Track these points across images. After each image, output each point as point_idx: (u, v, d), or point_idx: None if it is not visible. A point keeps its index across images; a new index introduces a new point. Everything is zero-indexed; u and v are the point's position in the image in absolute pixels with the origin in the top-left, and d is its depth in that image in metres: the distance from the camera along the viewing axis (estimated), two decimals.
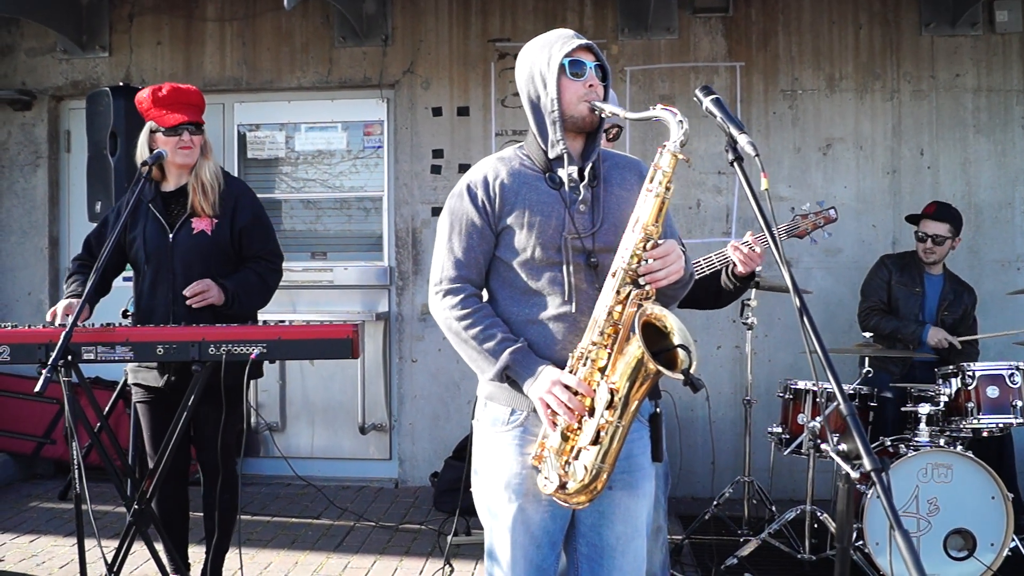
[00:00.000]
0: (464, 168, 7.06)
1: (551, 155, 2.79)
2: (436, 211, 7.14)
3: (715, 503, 5.66)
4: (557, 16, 7.01)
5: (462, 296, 2.76)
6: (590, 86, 2.75)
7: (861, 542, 4.78)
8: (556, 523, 2.78)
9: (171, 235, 4.37)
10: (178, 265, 4.36)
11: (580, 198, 2.76)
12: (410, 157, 7.24)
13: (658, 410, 2.73)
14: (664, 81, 7.00)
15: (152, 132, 4.39)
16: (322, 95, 7.51)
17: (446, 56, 7.21)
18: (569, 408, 2.55)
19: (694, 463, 6.68)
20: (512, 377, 2.68)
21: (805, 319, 2.20)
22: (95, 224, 6.83)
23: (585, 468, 2.54)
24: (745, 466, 5.66)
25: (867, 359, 5.22)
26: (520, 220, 2.73)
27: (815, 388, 5.29)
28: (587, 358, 2.59)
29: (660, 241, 2.58)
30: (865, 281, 6.16)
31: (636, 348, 2.48)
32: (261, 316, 4.73)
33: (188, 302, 4.23)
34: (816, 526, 5.17)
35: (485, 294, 2.89)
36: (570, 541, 2.86)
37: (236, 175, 6.99)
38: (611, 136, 4.09)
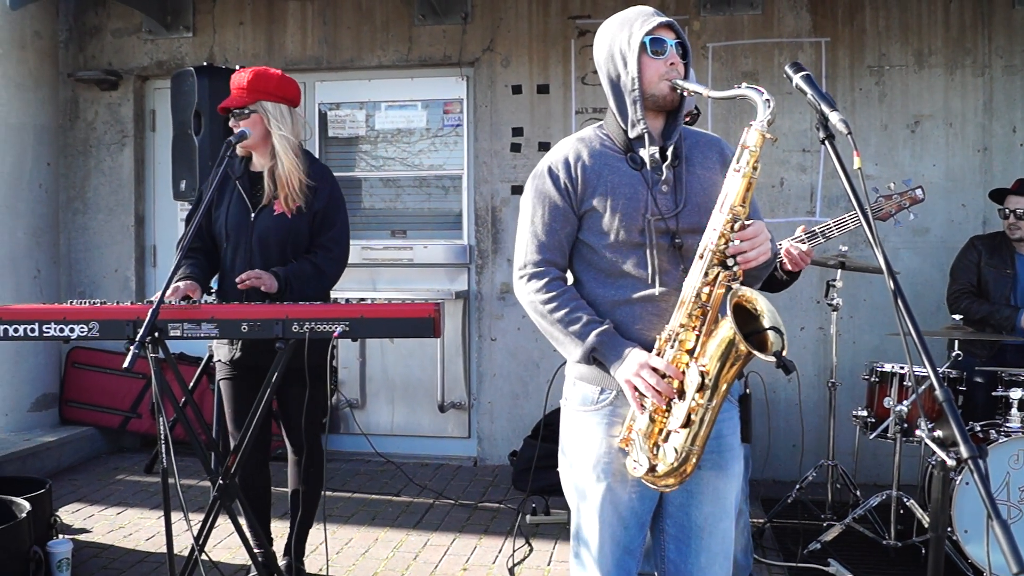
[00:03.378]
0: (544, 146, 7.04)
1: (632, 135, 2.75)
2: (516, 189, 7.12)
3: (798, 487, 5.58)
4: None
5: (547, 279, 2.75)
6: (671, 64, 2.70)
7: (949, 529, 4.68)
8: (644, 504, 2.76)
9: (252, 215, 4.42)
10: (256, 244, 4.40)
11: (662, 179, 2.72)
12: (490, 135, 7.22)
13: (748, 391, 2.71)
14: (747, 58, 6.90)
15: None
16: (402, 73, 7.51)
17: (526, 33, 7.17)
18: (657, 391, 2.52)
19: (777, 446, 6.60)
20: (599, 359, 2.66)
21: (899, 301, 2.14)
22: (179, 202, 6.98)
23: (675, 450, 2.53)
24: (829, 449, 5.57)
25: (956, 342, 5.11)
26: (603, 203, 2.70)
27: (902, 371, 5.20)
28: (675, 340, 2.57)
29: (748, 222, 2.54)
30: (954, 263, 6.02)
31: (727, 329, 2.45)
32: (343, 294, 4.75)
33: (239, 286, 4.27)
34: (902, 512, 5.07)
35: (570, 276, 2.86)
36: (656, 521, 2.84)
37: (317, 154, 7.06)
38: (687, 120, 4.02)
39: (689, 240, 2.67)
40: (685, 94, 2.71)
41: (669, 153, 2.74)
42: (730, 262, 2.52)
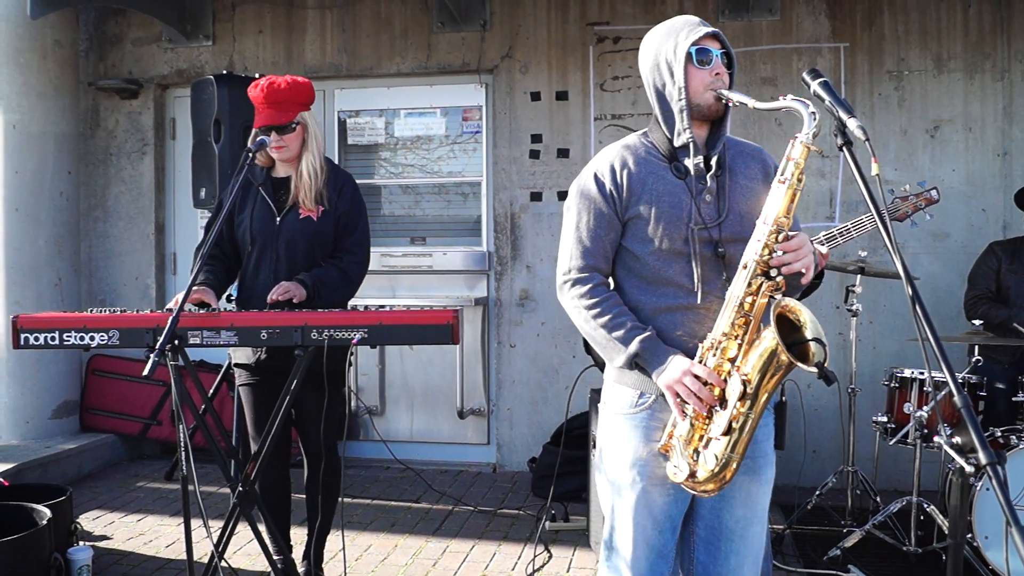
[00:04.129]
0: (563, 153, 7.05)
1: (676, 144, 2.79)
2: (535, 196, 7.13)
3: (818, 493, 5.57)
4: None
5: (590, 285, 2.79)
6: (716, 74, 2.75)
7: (970, 535, 4.65)
8: (678, 507, 2.82)
9: (278, 219, 4.43)
10: (282, 248, 4.41)
11: (706, 188, 2.76)
12: (508, 142, 7.23)
13: (784, 399, 2.76)
14: (766, 63, 6.89)
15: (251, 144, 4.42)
16: (421, 81, 7.53)
17: (544, 40, 7.18)
18: (699, 398, 2.57)
19: (796, 452, 6.56)
20: (641, 365, 2.70)
21: (918, 308, 2.15)
22: (199, 210, 7.01)
23: (715, 457, 2.58)
24: (849, 455, 5.56)
25: (976, 347, 5.09)
26: (647, 210, 2.74)
27: (922, 377, 5.18)
28: (717, 348, 2.61)
29: (792, 233, 2.58)
30: (973, 268, 6.00)
31: (770, 340, 2.49)
32: (362, 301, 4.76)
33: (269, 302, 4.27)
34: (922, 518, 5.05)
35: (611, 282, 2.90)
36: (687, 524, 2.89)
37: (336, 161, 7.09)
38: None
39: (732, 249, 2.71)
40: (730, 104, 2.74)
41: (713, 162, 2.78)
42: (773, 272, 2.56)
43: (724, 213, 2.74)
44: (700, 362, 2.62)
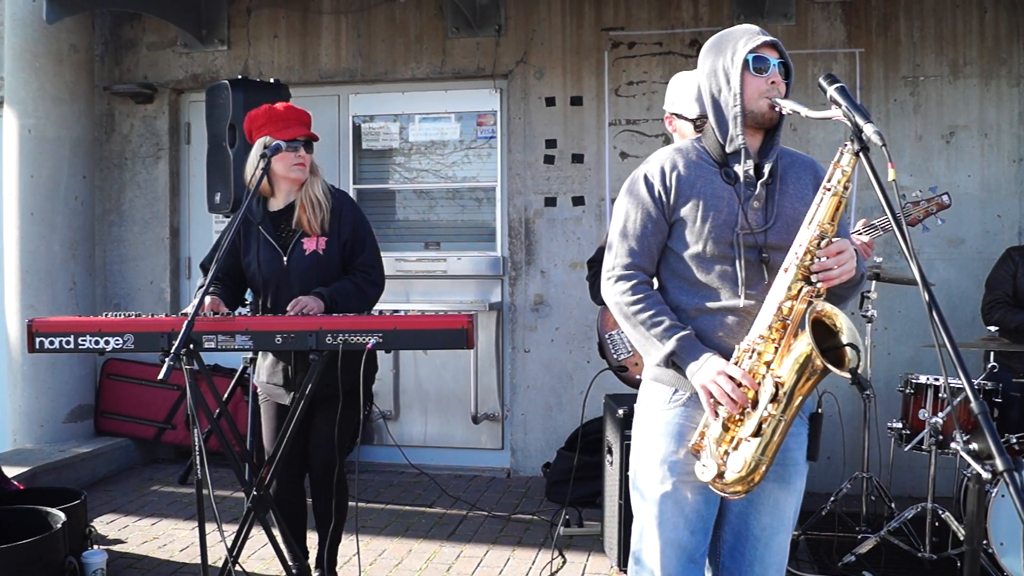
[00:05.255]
0: (577, 158, 7.05)
1: (728, 149, 2.83)
2: (549, 201, 7.12)
3: (832, 499, 5.53)
4: (672, 4, 6.91)
5: (634, 283, 2.83)
6: (772, 83, 2.78)
7: (985, 542, 4.62)
8: (709, 507, 2.84)
9: (285, 259, 4.41)
10: (296, 288, 4.36)
11: (754, 195, 2.79)
12: (523, 147, 7.23)
13: (820, 410, 2.78)
14: None
15: (266, 147, 4.39)
16: (436, 86, 7.54)
17: (559, 46, 7.18)
18: (732, 399, 2.59)
19: None
20: (677, 363, 2.73)
21: (934, 313, 2.14)
22: (214, 214, 7.03)
23: (744, 460, 2.60)
24: (863, 461, 5.53)
25: (992, 354, 5.07)
26: (694, 213, 2.78)
27: (937, 383, 5.16)
28: (754, 351, 2.64)
29: (835, 239, 2.61)
30: (991, 274, 5.98)
31: (805, 344, 2.52)
32: (376, 306, 4.76)
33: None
34: (937, 524, 5.02)
35: (655, 282, 2.94)
36: (715, 528, 2.91)
37: (351, 166, 7.11)
38: (699, 126, 3.97)
39: (776, 256, 2.74)
40: (784, 112, 2.77)
41: (765, 170, 2.81)
42: (814, 278, 2.60)
43: (771, 220, 2.78)
44: (736, 363, 2.65)
